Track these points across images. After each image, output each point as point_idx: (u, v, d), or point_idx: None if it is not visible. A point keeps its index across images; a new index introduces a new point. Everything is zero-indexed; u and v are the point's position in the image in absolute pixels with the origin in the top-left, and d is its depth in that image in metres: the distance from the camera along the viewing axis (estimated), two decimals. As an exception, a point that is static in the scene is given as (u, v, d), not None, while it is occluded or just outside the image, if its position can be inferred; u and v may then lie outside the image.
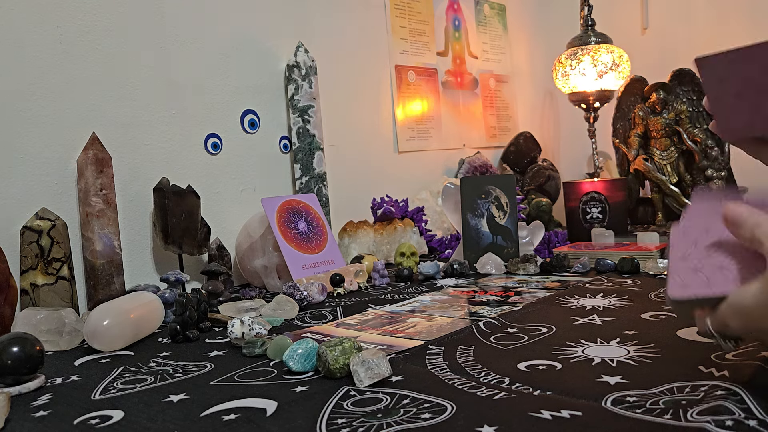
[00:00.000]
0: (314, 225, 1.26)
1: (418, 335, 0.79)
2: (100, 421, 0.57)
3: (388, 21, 1.76)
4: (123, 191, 1.17)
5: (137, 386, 0.67)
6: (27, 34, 1.06)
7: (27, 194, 1.05)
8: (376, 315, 0.94)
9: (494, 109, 2.11)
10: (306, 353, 0.67)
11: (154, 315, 0.90)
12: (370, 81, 1.70)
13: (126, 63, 1.19)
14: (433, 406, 0.54)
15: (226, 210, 1.34)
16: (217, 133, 1.33)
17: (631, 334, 0.71)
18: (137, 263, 1.20)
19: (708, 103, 0.52)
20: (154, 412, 0.58)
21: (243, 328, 0.80)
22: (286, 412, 0.55)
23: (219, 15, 1.34)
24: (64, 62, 1.10)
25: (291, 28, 1.48)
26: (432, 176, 1.84)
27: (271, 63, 1.44)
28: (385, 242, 1.44)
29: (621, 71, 1.72)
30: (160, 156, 1.23)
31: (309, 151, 1.44)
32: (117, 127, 1.17)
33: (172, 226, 1.15)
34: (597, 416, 0.49)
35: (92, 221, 1.06)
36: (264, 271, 1.21)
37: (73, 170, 1.10)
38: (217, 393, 0.62)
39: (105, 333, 0.81)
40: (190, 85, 1.29)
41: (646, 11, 2.05)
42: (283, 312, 0.96)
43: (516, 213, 1.31)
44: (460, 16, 2.00)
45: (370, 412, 0.53)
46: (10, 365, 0.66)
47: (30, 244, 1.00)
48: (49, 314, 0.86)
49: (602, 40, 1.73)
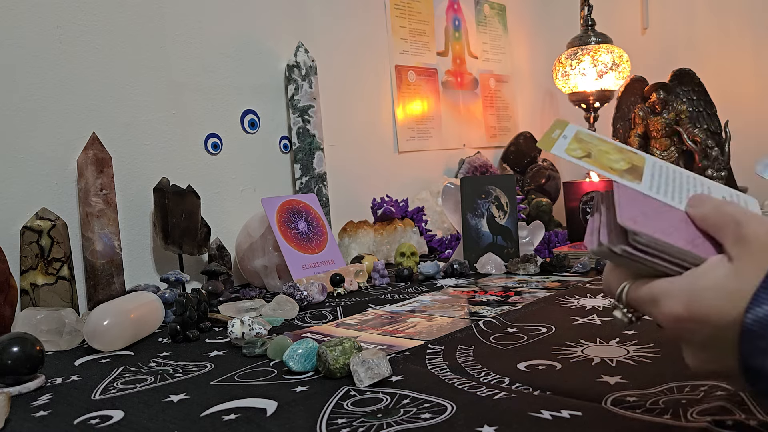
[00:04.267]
0: (314, 225, 1.26)
1: (418, 335, 0.79)
2: (100, 421, 0.57)
3: (388, 21, 1.76)
4: (123, 191, 1.17)
5: (137, 386, 0.67)
6: (27, 34, 1.06)
7: (27, 194, 1.05)
8: (376, 315, 0.94)
9: (494, 109, 2.11)
10: (306, 353, 0.67)
11: (154, 315, 0.90)
12: (370, 81, 1.70)
13: (126, 63, 1.19)
14: (433, 406, 0.54)
15: (226, 210, 1.34)
16: (217, 133, 1.33)
17: (631, 334, 0.71)
18: (137, 263, 1.20)
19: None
20: (154, 412, 0.58)
21: (243, 328, 0.80)
22: (286, 412, 0.55)
23: (219, 15, 1.34)
24: (64, 62, 1.10)
25: (291, 28, 1.48)
26: (432, 176, 1.84)
27: (271, 63, 1.44)
28: (385, 242, 1.44)
29: (621, 71, 1.72)
30: (160, 156, 1.23)
31: (309, 151, 1.44)
32: (117, 127, 1.17)
33: (172, 226, 1.15)
34: (597, 416, 0.49)
35: (92, 221, 1.06)
36: (264, 271, 1.21)
37: (73, 170, 1.10)
38: (217, 393, 0.62)
39: (105, 333, 0.81)
40: (190, 85, 1.29)
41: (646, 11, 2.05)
42: (283, 312, 0.96)
43: (516, 213, 1.31)
44: (460, 16, 2.00)
45: (370, 412, 0.53)
46: (11, 365, 0.66)
47: (30, 244, 1.00)
48: (49, 314, 0.86)
49: (602, 40, 1.74)
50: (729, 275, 0.36)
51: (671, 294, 0.38)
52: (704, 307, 0.36)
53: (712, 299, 0.36)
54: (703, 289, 0.36)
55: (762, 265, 0.35)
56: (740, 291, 0.35)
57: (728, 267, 0.36)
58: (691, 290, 0.37)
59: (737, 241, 0.37)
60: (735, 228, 0.37)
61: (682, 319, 0.37)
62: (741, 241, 0.36)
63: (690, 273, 0.38)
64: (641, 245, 0.40)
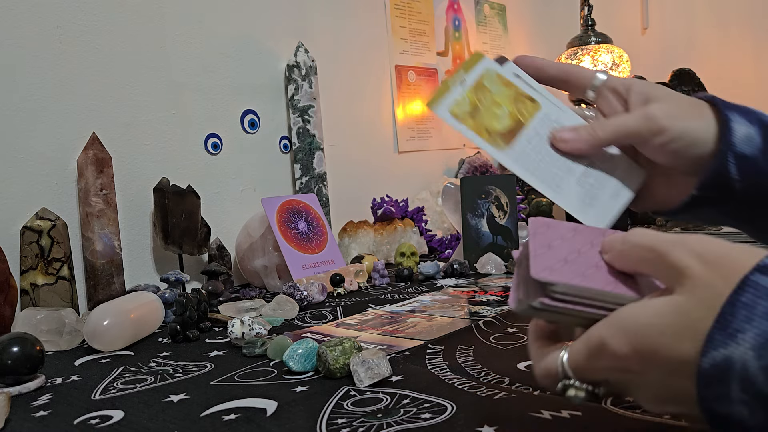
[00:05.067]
0: (314, 225, 1.26)
1: (418, 335, 0.79)
2: (100, 421, 0.57)
3: (388, 21, 1.76)
4: (123, 191, 1.17)
5: (137, 386, 0.67)
6: (27, 34, 1.06)
7: (27, 194, 1.05)
8: (376, 315, 0.93)
9: (494, 109, 2.11)
10: (306, 353, 0.67)
11: (154, 315, 0.90)
12: (370, 81, 1.70)
13: (126, 63, 1.19)
14: (433, 406, 0.54)
15: (226, 210, 1.34)
16: (217, 133, 1.33)
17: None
18: (137, 263, 1.19)
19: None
20: (154, 412, 0.58)
21: (243, 328, 0.80)
22: (287, 412, 0.55)
23: (219, 15, 1.34)
24: (64, 62, 1.10)
25: (291, 28, 1.48)
26: (432, 176, 1.84)
27: (271, 63, 1.44)
28: (385, 242, 1.44)
29: (621, 71, 1.72)
30: (160, 156, 1.23)
31: (309, 151, 1.44)
32: (117, 126, 1.17)
33: (172, 226, 1.15)
34: (597, 416, 0.49)
35: (92, 221, 1.06)
36: (264, 271, 1.21)
37: (73, 170, 1.10)
38: (217, 393, 0.62)
39: (105, 333, 0.81)
40: (190, 85, 1.29)
41: (646, 11, 2.05)
42: (283, 312, 0.96)
43: (516, 213, 1.31)
44: (460, 16, 2.00)
45: (370, 412, 0.53)
46: (10, 365, 0.66)
47: (30, 244, 1.00)
48: (49, 314, 0.86)
49: (602, 40, 1.74)
50: (670, 311, 0.33)
51: (611, 333, 0.34)
52: (651, 344, 0.33)
53: (657, 336, 0.33)
54: (645, 325, 0.33)
55: (704, 301, 0.32)
56: (687, 329, 0.32)
57: (667, 302, 0.33)
58: (632, 327, 0.34)
59: (668, 272, 0.34)
60: (660, 258, 0.35)
61: (628, 357, 0.34)
62: (672, 272, 0.34)
63: (626, 311, 0.35)
64: (560, 294, 0.37)
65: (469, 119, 0.50)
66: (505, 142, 0.50)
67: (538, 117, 0.52)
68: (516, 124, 0.51)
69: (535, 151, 0.50)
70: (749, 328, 0.30)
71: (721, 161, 0.47)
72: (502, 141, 0.50)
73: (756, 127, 0.47)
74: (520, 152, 0.50)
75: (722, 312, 0.31)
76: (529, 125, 0.51)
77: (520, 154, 0.50)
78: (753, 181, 0.47)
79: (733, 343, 0.30)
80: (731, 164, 0.47)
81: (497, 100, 0.51)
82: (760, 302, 0.30)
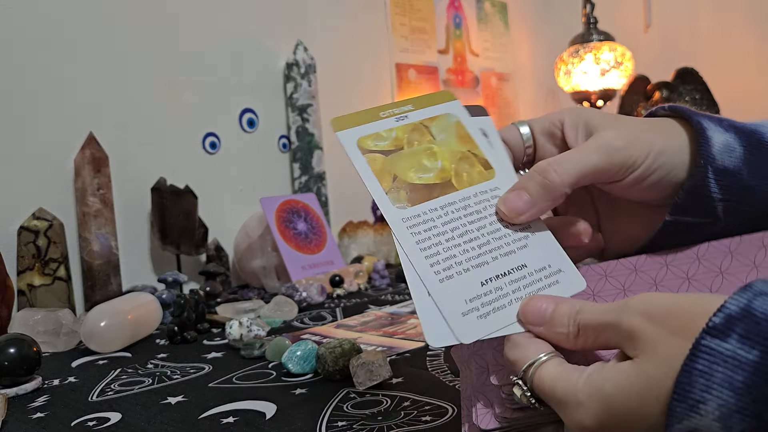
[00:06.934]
0: (313, 225, 1.25)
1: (418, 336, 0.78)
2: (97, 423, 0.56)
3: (388, 19, 1.75)
4: (120, 191, 1.16)
5: (135, 388, 0.66)
6: (26, 34, 1.05)
7: (24, 194, 1.05)
8: (376, 316, 0.93)
9: (496, 108, 2.10)
10: (305, 355, 0.66)
11: (151, 316, 0.90)
12: (370, 79, 1.69)
13: (124, 62, 1.18)
14: (433, 408, 0.53)
15: (225, 210, 1.33)
16: (215, 132, 1.32)
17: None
18: (135, 264, 1.19)
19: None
20: (151, 414, 0.58)
21: (241, 329, 0.79)
22: (286, 415, 0.54)
23: (218, 14, 1.33)
24: (63, 62, 1.10)
25: (290, 26, 1.48)
26: (432, 175, 1.83)
27: (270, 61, 1.43)
28: (385, 242, 1.43)
29: (623, 69, 1.71)
30: (157, 155, 1.23)
31: (308, 150, 1.43)
32: (114, 126, 1.16)
33: (170, 226, 1.15)
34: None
35: (89, 221, 1.05)
36: (263, 271, 1.20)
37: (70, 170, 1.09)
38: (215, 395, 0.61)
39: (102, 334, 0.80)
40: (188, 84, 1.28)
41: (649, 9, 2.04)
42: (281, 313, 0.95)
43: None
44: (461, 14, 2.00)
45: (371, 415, 0.53)
46: (7, 366, 0.66)
47: (27, 245, 0.99)
48: (46, 315, 0.85)
49: (605, 38, 1.73)
50: (635, 378, 0.31)
51: (578, 401, 0.32)
52: (616, 416, 0.31)
53: (622, 407, 0.31)
54: (610, 396, 0.31)
55: (662, 359, 0.30)
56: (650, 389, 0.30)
57: (628, 366, 0.31)
58: (599, 399, 0.32)
59: (625, 341, 0.32)
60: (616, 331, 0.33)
61: (592, 430, 0.32)
62: (626, 338, 0.32)
63: (595, 376, 0.32)
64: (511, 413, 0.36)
65: (378, 157, 0.40)
66: (410, 200, 0.38)
67: (481, 188, 0.40)
68: (442, 185, 0.39)
69: (442, 224, 0.38)
70: (710, 398, 0.28)
71: (700, 178, 0.39)
72: (407, 195, 0.38)
73: (732, 133, 0.40)
74: (420, 220, 0.38)
75: (678, 382, 0.29)
76: (460, 193, 0.39)
77: (416, 221, 0.37)
78: (737, 199, 0.39)
79: (696, 415, 0.28)
80: (711, 181, 0.39)
81: (434, 150, 0.40)
82: (717, 369, 0.28)
